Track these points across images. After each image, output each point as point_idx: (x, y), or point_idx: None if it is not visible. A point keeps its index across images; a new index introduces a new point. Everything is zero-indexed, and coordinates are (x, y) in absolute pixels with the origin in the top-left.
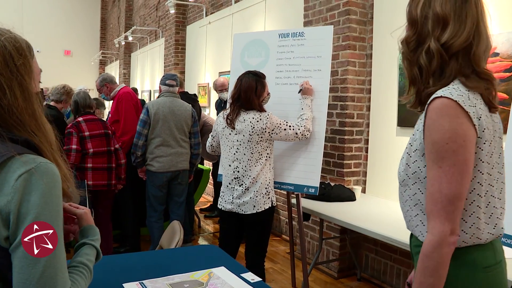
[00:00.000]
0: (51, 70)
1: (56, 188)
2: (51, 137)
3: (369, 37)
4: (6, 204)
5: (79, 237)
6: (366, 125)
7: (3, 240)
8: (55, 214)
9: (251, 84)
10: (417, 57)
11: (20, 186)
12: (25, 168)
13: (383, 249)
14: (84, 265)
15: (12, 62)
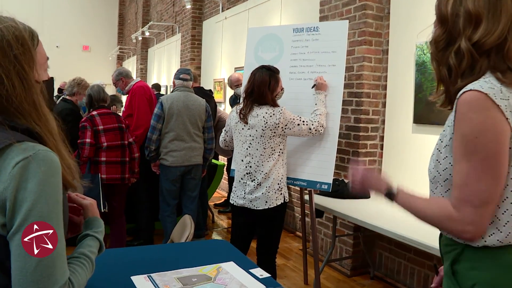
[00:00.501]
0: (70, 65)
1: (54, 176)
2: (53, 127)
3: (386, 33)
4: (2, 191)
5: (83, 229)
6: (381, 121)
7: (0, 228)
8: (52, 202)
9: (264, 78)
10: (446, 58)
11: (17, 173)
12: (23, 155)
13: (397, 248)
14: (86, 256)
15: (10, 51)
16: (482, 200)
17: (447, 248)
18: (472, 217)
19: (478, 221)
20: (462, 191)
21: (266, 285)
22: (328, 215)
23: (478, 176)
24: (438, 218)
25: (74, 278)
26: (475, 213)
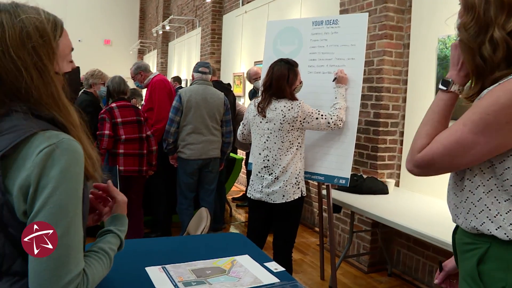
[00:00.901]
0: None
1: (77, 165)
2: (75, 118)
3: (407, 26)
4: (26, 177)
5: (107, 223)
6: (401, 117)
7: (22, 215)
8: (72, 191)
9: (283, 72)
10: (479, 46)
11: (41, 160)
12: (47, 143)
13: (415, 245)
14: (104, 252)
15: (29, 43)
16: (444, 165)
17: (467, 247)
18: (422, 166)
19: (421, 172)
20: (439, 142)
21: (280, 279)
22: (346, 210)
23: (462, 145)
24: (416, 136)
25: (89, 271)
26: (427, 168)
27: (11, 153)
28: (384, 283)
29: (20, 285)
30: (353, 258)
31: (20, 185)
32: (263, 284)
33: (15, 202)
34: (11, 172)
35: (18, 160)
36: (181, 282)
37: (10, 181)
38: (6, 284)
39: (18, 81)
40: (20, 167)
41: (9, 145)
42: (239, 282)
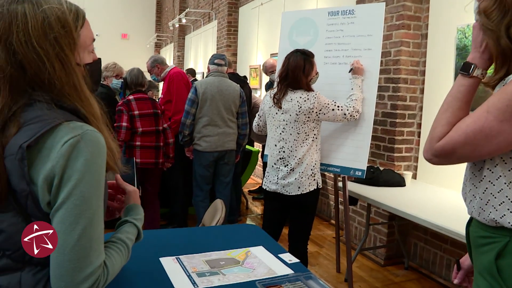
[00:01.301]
0: (109, 53)
1: (100, 157)
2: (96, 110)
3: (425, 16)
4: (51, 168)
5: (123, 215)
6: (419, 108)
7: (46, 205)
8: (96, 183)
9: (299, 63)
10: (507, 28)
11: (66, 152)
12: (72, 134)
13: (433, 238)
14: (123, 242)
15: (51, 34)
16: (465, 155)
17: (484, 240)
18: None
19: (441, 162)
20: (461, 130)
21: (294, 270)
22: (362, 203)
23: (486, 134)
24: (435, 123)
25: (109, 262)
26: (448, 157)
27: (36, 143)
28: (400, 277)
29: (42, 275)
30: (369, 251)
31: (45, 176)
32: (277, 275)
33: (40, 193)
34: (36, 163)
35: (43, 151)
36: (194, 273)
37: (35, 171)
38: (29, 273)
39: (41, 71)
40: (44, 158)
41: (34, 135)
42: (252, 273)
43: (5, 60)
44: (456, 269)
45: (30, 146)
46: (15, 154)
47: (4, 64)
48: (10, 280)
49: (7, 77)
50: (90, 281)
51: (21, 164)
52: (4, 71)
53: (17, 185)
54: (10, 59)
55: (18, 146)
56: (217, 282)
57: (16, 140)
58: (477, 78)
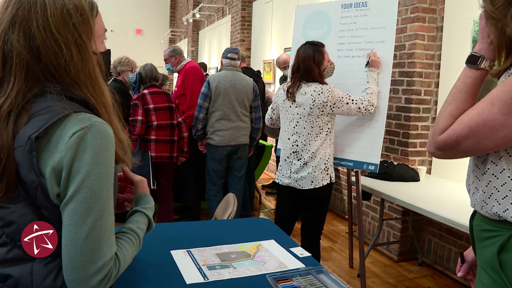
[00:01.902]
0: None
1: (108, 149)
2: (107, 99)
3: (441, 8)
4: (59, 160)
5: (133, 205)
6: (434, 102)
7: (55, 197)
8: (105, 174)
9: (308, 53)
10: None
11: (73, 144)
12: (80, 126)
13: (447, 234)
14: (133, 232)
15: (70, 21)
16: (469, 148)
17: (487, 234)
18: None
19: (444, 155)
20: (463, 123)
21: (306, 264)
22: (375, 198)
23: (490, 127)
24: (438, 116)
25: (120, 253)
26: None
27: (44, 134)
28: (414, 273)
29: (53, 266)
30: (382, 247)
31: (52, 168)
32: (288, 269)
33: (48, 184)
34: (44, 154)
35: (51, 142)
36: (205, 266)
37: (43, 163)
38: (40, 264)
39: (57, 57)
40: (53, 149)
41: (43, 126)
42: (263, 267)
43: (23, 46)
44: (460, 262)
45: (39, 137)
46: (24, 145)
47: (22, 49)
48: (22, 270)
49: (23, 63)
50: (103, 273)
51: (29, 155)
52: (21, 57)
53: (26, 176)
54: (27, 45)
55: (27, 137)
56: (228, 275)
57: (25, 131)
58: (484, 70)
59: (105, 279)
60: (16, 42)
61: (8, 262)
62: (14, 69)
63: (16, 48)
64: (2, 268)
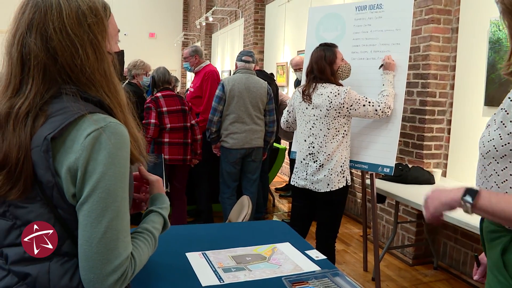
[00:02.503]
0: (137, 52)
1: (123, 149)
2: (122, 98)
3: (456, 9)
4: (74, 161)
5: (149, 205)
6: (449, 104)
7: (71, 197)
8: (120, 175)
9: (319, 53)
10: None
11: (88, 144)
12: (94, 126)
13: (463, 238)
14: (149, 232)
15: (85, 21)
16: None
17: (493, 235)
18: None
19: None
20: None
21: (321, 267)
22: (390, 201)
23: None
24: None
25: (136, 253)
26: None
27: (60, 135)
28: (429, 276)
29: (70, 265)
30: (397, 250)
31: (68, 168)
32: (304, 271)
33: (64, 185)
34: (59, 154)
35: (67, 143)
36: (220, 268)
37: (59, 163)
38: (57, 263)
39: (74, 58)
40: (68, 150)
41: (58, 127)
42: (279, 269)
43: (40, 48)
44: (476, 265)
45: (55, 138)
46: (41, 145)
47: (39, 52)
48: (39, 269)
49: (41, 65)
50: (119, 273)
51: (46, 155)
52: (38, 59)
53: (43, 176)
54: (44, 47)
55: (43, 137)
56: (243, 278)
57: (42, 132)
58: None
59: (121, 278)
60: (33, 45)
61: (27, 261)
62: (32, 71)
63: (33, 51)
64: (21, 267)
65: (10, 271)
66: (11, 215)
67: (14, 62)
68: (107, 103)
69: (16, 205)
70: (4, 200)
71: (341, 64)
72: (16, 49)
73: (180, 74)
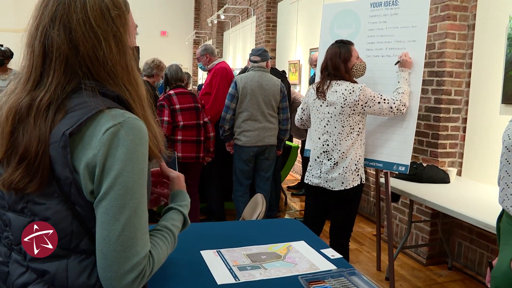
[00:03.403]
0: (149, 50)
1: (142, 145)
2: (142, 92)
3: (473, 6)
4: (92, 157)
5: (169, 202)
6: (464, 102)
7: (89, 194)
8: (138, 171)
9: (334, 50)
10: None
11: (107, 140)
12: (113, 122)
13: (479, 238)
14: (168, 230)
15: (108, 14)
16: None
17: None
18: None
19: None
20: None
21: (337, 266)
22: (404, 200)
23: None
24: None
25: (154, 251)
26: None
27: (78, 131)
28: (444, 277)
29: (87, 263)
30: (411, 250)
31: (86, 164)
32: (320, 270)
33: (82, 181)
34: (78, 151)
35: (85, 139)
36: (235, 266)
37: (77, 159)
38: (75, 261)
39: (96, 50)
40: (86, 146)
41: (76, 122)
42: (294, 268)
43: (63, 40)
44: (489, 271)
45: (73, 133)
46: (59, 141)
47: (61, 43)
48: (57, 266)
49: (62, 57)
50: (137, 271)
51: (64, 151)
52: (60, 50)
53: (60, 172)
54: (67, 39)
55: (61, 133)
56: (259, 276)
57: (60, 127)
58: None
59: (139, 277)
60: (56, 36)
61: (45, 258)
62: (54, 63)
63: (56, 42)
64: (40, 264)
65: (28, 268)
66: (29, 212)
67: (36, 54)
68: (126, 98)
69: (34, 201)
70: (23, 196)
71: (356, 62)
72: (39, 41)
73: (192, 72)
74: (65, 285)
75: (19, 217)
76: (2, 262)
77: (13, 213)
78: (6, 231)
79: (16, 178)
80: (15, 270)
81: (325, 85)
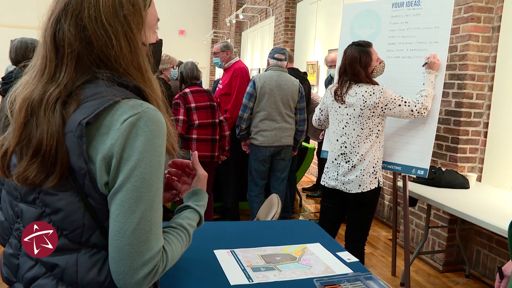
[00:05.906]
0: (167, 49)
1: (160, 137)
2: (158, 92)
3: (499, 7)
4: (110, 147)
5: (186, 198)
6: (486, 106)
7: (103, 186)
8: (156, 163)
9: (354, 55)
10: None
11: (125, 130)
12: (132, 112)
13: (498, 246)
14: (183, 228)
15: (121, 12)
16: None
17: None
18: None
19: None
20: None
21: (353, 269)
22: (421, 204)
23: None
24: None
25: (168, 248)
26: None
27: (95, 120)
28: (461, 285)
29: (98, 258)
30: (427, 255)
31: (103, 155)
32: (335, 274)
33: (97, 172)
34: (94, 141)
35: (102, 129)
36: (249, 267)
37: (93, 149)
38: (86, 255)
39: (108, 48)
40: (103, 136)
41: (93, 112)
42: (309, 270)
43: (75, 36)
44: (498, 277)
45: (89, 123)
46: (74, 131)
47: (73, 39)
48: (67, 260)
49: (74, 53)
50: (150, 266)
51: (79, 141)
52: (72, 47)
53: (75, 163)
54: (79, 35)
55: (78, 122)
56: (273, 278)
57: (76, 117)
58: None
59: (151, 272)
60: (67, 31)
61: (55, 251)
62: (65, 59)
63: (68, 38)
64: (49, 257)
65: (38, 261)
66: (41, 202)
67: (49, 46)
68: (143, 89)
69: (47, 192)
70: (35, 187)
71: (376, 65)
72: (50, 33)
73: (209, 71)
74: (75, 280)
75: (30, 208)
76: (12, 254)
77: (25, 204)
78: (18, 222)
79: (32, 173)
80: (25, 263)
81: (344, 88)
